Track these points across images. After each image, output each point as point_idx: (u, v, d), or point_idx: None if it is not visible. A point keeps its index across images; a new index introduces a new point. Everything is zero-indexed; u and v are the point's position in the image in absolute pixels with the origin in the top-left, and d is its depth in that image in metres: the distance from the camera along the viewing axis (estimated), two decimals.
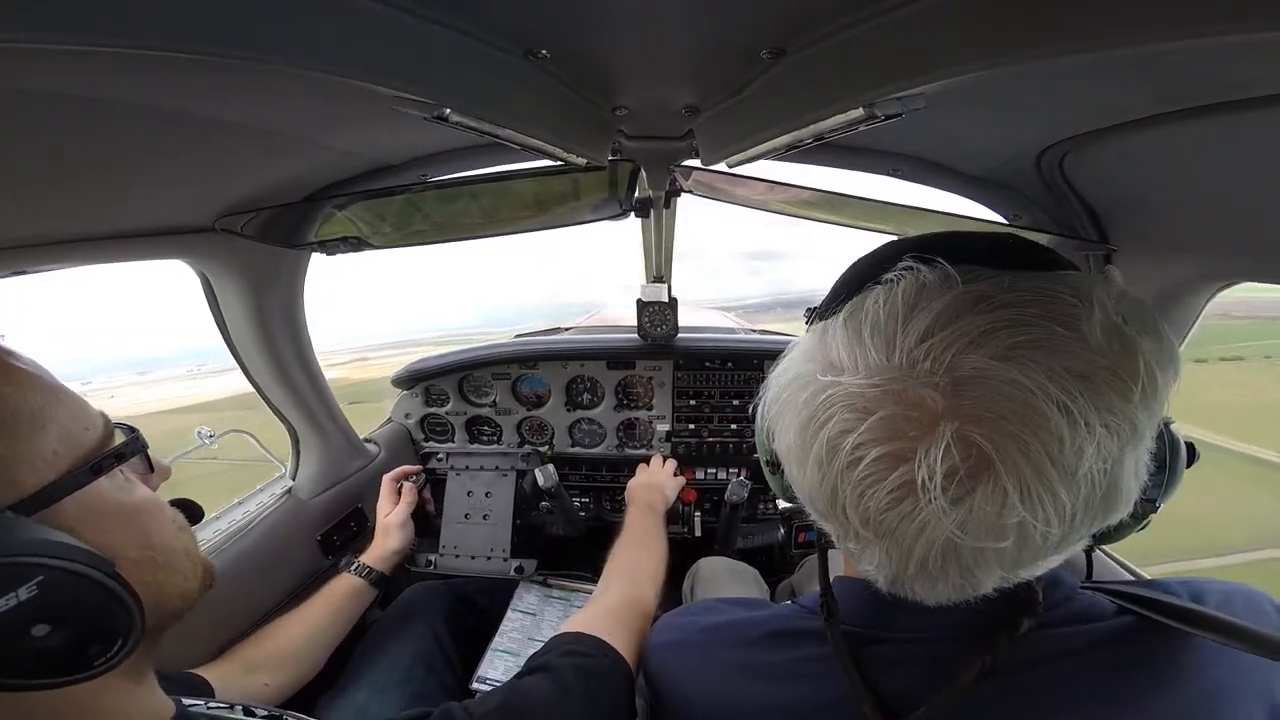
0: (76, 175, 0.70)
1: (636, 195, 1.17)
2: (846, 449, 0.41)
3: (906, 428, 0.39)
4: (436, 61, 0.56)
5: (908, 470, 0.39)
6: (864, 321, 0.43)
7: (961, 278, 0.41)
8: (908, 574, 0.43)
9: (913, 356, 0.40)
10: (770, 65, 0.64)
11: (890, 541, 0.42)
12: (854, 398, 0.41)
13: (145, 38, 0.40)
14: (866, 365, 0.41)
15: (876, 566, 0.46)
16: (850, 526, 0.44)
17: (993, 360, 0.37)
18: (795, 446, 0.47)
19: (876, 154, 1.07)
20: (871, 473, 0.40)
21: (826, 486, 0.44)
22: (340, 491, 1.46)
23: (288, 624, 1.07)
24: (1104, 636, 0.51)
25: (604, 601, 0.97)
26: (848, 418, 0.41)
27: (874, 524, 0.42)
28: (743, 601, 0.74)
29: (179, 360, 42.57)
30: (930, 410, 0.38)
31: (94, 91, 0.54)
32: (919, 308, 0.41)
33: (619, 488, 1.72)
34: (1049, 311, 0.38)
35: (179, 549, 0.55)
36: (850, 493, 0.42)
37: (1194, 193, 0.80)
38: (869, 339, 0.42)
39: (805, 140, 0.71)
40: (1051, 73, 0.59)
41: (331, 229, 1.08)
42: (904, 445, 0.39)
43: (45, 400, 0.47)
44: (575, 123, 0.79)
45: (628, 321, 1.75)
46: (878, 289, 0.44)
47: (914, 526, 0.40)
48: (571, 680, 0.71)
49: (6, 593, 0.38)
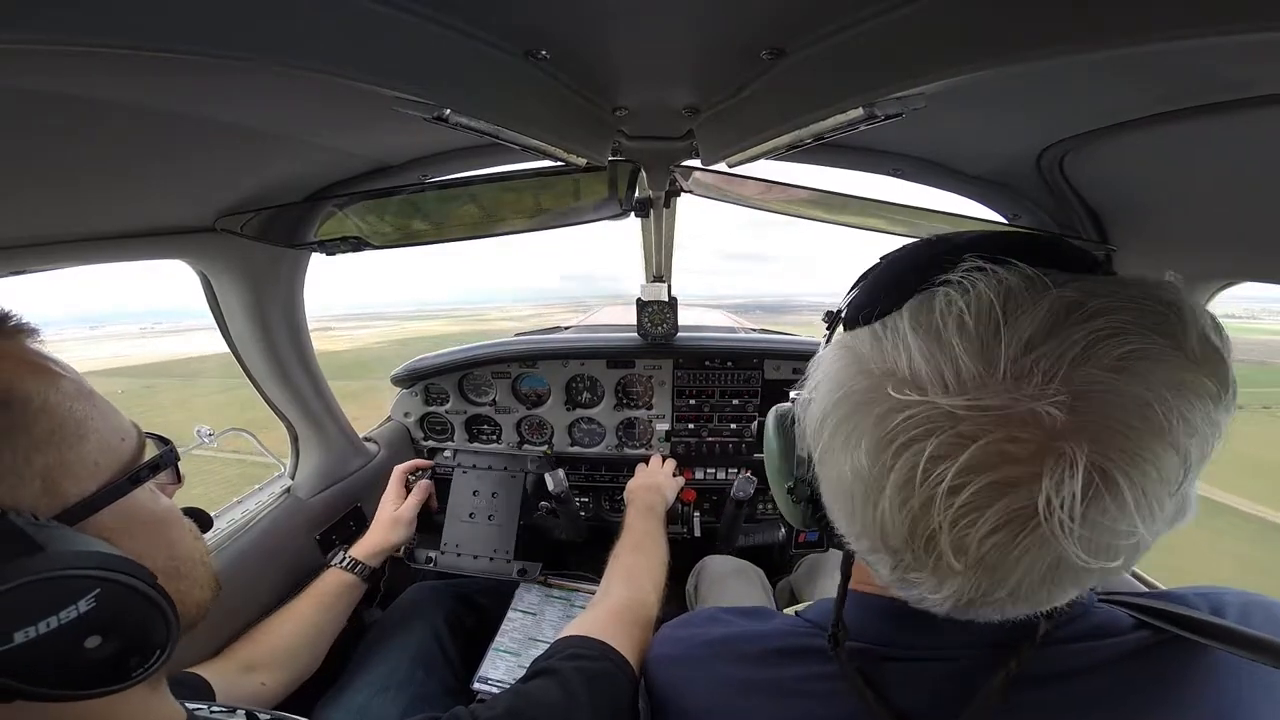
0: (76, 175, 0.70)
1: (636, 195, 1.17)
2: (945, 477, 0.37)
3: (1017, 451, 0.36)
4: (436, 61, 0.56)
5: (1018, 497, 0.36)
6: (943, 328, 0.39)
7: (1043, 276, 0.38)
8: (992, 598, 0.40)
9: (1018, 368, 0.36)
10: (770, 65, 0.64)
11: (982, 571, 0.38)
12: (947, 419, 0.37)
13: (145, 38, 0.40)
14: (958, 379, 0.37)
15: (944, 597, 0.41)
16: (927, 557, 0.40)
17: (1107, 373, 0.35)
18: (862, 474, 0.42)
19: (876, 154, 1.07)
20: (973, 502, 0.36)
21: (904, 517, 0.39)
22: (339, 490, 1.46)
23: (279, 621, 1.07)
24: (1123, 651, 0.49)
25: (606, 604, 0.97)
26: (943, 442, 0.37)
27: (971, 554, 0.38)
28: (746, 612, 0.72)
29: (140, 317, 42.44)
30: (1046, 429, 0.35)
31: (94, 92, 0.54)
32: (1013, 313, 0.37)
33: (618, 487, 1.72)
34: (1145, 321, 0.36)
35: (197, 559, 0.55)
36: (944, 524, 0.38)
37: (1194, 193, 0.80)
38: (959, 348, 0.37)
39: (805, 140, 0.71)
40: (1051, 73, 0.59)
41: (331, 229, 1.09)
42: (1014, 471, 0.35)
43: (87, 409, 0.47)
44: (575, 123, 0.79)
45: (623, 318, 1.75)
46: (946, 291, 0.40)
47: (1016, 553, 0.37)
48: (577, 684, 0.71)
49: (67, 605, 0.39)
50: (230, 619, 1.07)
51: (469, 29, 0.56)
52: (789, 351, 1.68)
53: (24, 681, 0.38)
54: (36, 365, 0.45)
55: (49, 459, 0.43)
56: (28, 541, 0.38)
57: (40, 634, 0.38)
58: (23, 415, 0.42)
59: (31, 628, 0.37)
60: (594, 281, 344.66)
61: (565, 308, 45.91)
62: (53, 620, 0.38)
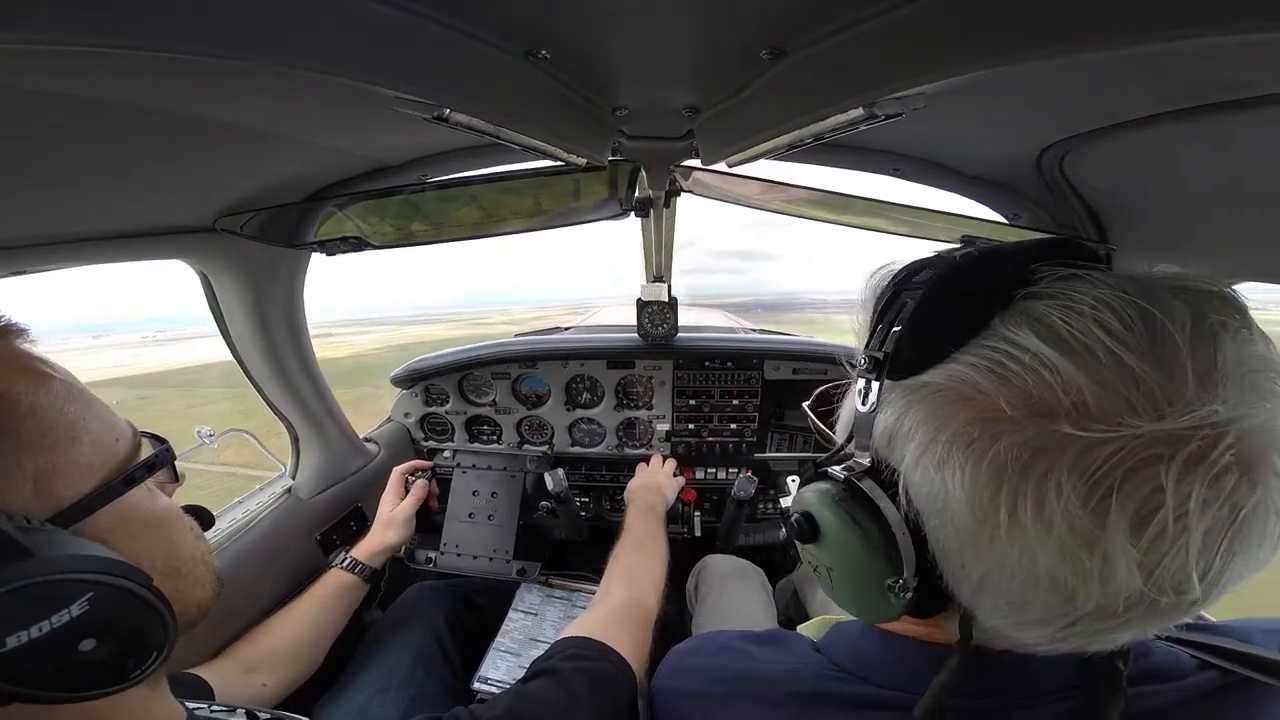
0: (76, 175, 0.70)
1: (636, 195, 1.17)
2: (1168, 514, 0.32)
3: (1227, 461, 0.32)
4: (436, 61, 0.56)
5: (1226, 510, 0.33)
6: (1091, 341, 0.34)
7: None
8: (1099, 628, 0.37)
9: (1209, 379, 0.33)
10: (770, 65, 0.64)
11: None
12: (1151, 444, 0.32)
13: (145, 38, 0.40)
14: (1151, 400, 0.33)
15: (1051, 638, 0.38)
16: (1158, 597, 0.35)
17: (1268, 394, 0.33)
18: (1070, 530, 0.34)
19: (876, 154, 1.07)
20: (1204, 525, 0.33)
21: (1147, 562, 0.33)
22: (340, 491, 1.46)
23: (280, 622, 1.07)
24: (1189, 696, 0.45)
25: (606, 605, 0.97)
26: (1155, 473, 0.32)
27: (1200, 580, 0.34)
28: (761, 639, 0.67)
29: (144, 325, 42.23)
30: (1243, 439, 0.32)
31: (94, 92, 0.54)
32: (1152, 319, 0.34)
33: (619, 487, 1.72)
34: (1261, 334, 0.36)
35: (198, 558, 0.55)
36: (1190, 553, 0.33)
37: (1194, 193, 0.80)
38: (1132, 361, 0.33)
39: (805, 140, 0.71)
40: (1051, 73, 0.59)
41: (331, 229, 1.09)
42: (1225, 482, 0.32)
43: (79, 410, 0.46)
44: (575, 123, 0.79)
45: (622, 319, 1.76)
46: (1046, 305, 0.36)
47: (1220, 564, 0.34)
48: (577, 685, 0.71)
49: (60, 609, 0.39)
50: (231, 619, 1.07)
51: (469, 29, 0.56)
52: (789, 351, 1.69)
53: (19, 685, 0.38)
54: (26, 366, 0.45)
55: (40, 461, 0.42)
56: (17, 547, 0.38)
57: (33, 638, 0.37)
58: (11, 417, 0.41)
59: (24, 632, 0.37)
60: (593, 283, 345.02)
61: (564, 309, 45.75)
62: (45, 625, 0.38)
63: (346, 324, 23.06)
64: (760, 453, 1.78)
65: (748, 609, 1.38)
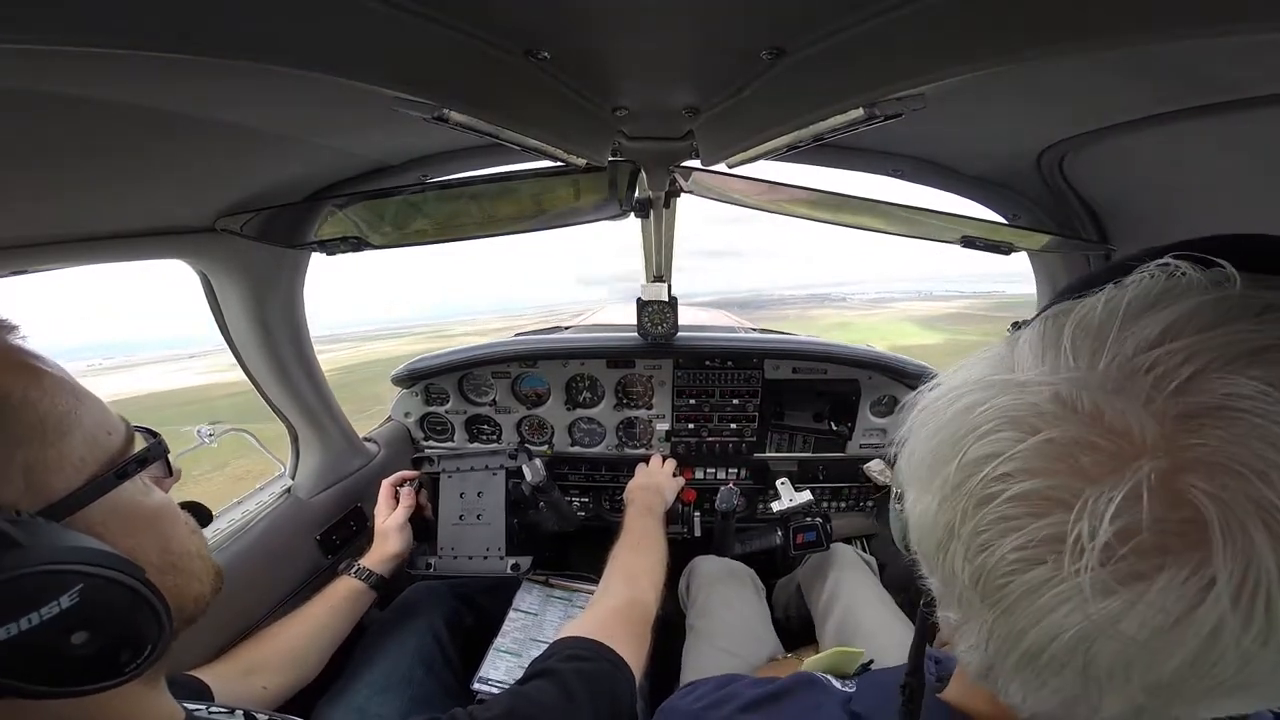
0: (76, 175, 0.70)
1: (636, 195, 1.17)
2: (984, 477, 0.30)
3: (1084, 460, 0.28)
4: (436, 62, 0.56)
5: (1060, 521, 0.27)
6: (1071, 320, 0.32)
7: (1243, 280, 0.29)
8: (1006, 664, 0.32)
9: (1129, 365, 0.28)
10: (770, 65, 0.64)
11: (998, 614, 0.31)
12: (1023, 409, 0.30)
13: (146, 39, 0.40)
14: (1054, 371, 0.31)
15: (970, 647, 0.34)
16: (956, 584, 0.33)
17: (1267, 388, 0.26)
18: (921, 463, 0.35)
19: (876, 154, 1.07)
20: (1005, 515, 0.29)
21: (941, 522, 0.33)
22: (340, 491, 1.46)
23: (287, 626, 1.07)
24: None
25: (605, 605, 0.97)
26: (1004, 436, 0.30)
27: (984, 585, 0.31)
28: (775, 695, 0.61)
29: (156, 346, 41.57)
30: (1133, 441, 0.27)
31: (94, 92, 0.54)
32: (1158, 305, 0.29)
33: (619, 487, 1.72)
34: None
35: (194, 553, 0.55)
36: (968, 537, 0.31)
37: (1194, 193, 0.80)
38: (1069, 340, 0.31)
39: (805, 140, 0.71)
40: (1051, 73, 0.59)
41: (331, 229, 1.09)
42: (1070, 484, 0.28)
43: (71, 404, 0.46)
44: (575, 123, 0.79)
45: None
46: (1107, 287, 0.32)
47: (1038, 604, 0.29)
48: (576, 685, 0.71)
49: (49, 600, 0.39)
50: (230, 619, 1.07)
51: (469, 29, 0.56)
52: (789, 351, 1.69)
53: (10, 678, 0.38)
54: (16, 361, 0.45)
55: (31, 455, 0.42)
56: (7, 539, 0.38)
57: (21, 630, 0.37)
58: (2, 411, 0.42)
59: (12, 624, 0.37)
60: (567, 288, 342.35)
61: (535, 317, 44.89)
62: (35, 616, 0.38)
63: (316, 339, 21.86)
64: (760, 452, 1.78)
65: (740, 611, 1.39)
